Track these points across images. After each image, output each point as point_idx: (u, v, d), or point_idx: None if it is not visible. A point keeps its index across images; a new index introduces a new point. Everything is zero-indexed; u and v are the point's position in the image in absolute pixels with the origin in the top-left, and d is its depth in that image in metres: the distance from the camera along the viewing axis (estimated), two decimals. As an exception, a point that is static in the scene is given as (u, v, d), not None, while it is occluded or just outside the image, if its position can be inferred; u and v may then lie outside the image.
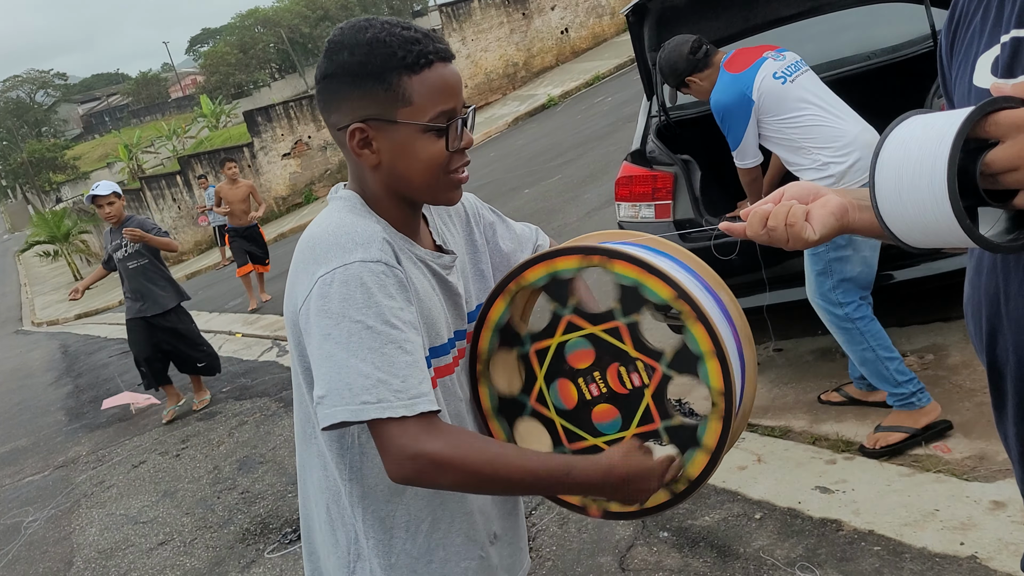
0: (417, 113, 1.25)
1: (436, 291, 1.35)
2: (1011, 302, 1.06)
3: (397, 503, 1.35)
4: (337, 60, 1.26)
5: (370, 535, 1.35)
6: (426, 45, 1.25)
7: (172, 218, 22.71)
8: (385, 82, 1.24)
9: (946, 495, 2.73)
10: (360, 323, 1.17)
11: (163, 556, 4.35)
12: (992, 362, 1.15)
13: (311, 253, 1.25)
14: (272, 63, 71.68)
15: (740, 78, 3.26)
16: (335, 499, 1.37)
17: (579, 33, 22.68)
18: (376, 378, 1.16)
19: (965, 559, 2.43)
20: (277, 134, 21.64)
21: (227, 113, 37.42)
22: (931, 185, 0.89)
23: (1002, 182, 0.90)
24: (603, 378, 1.37)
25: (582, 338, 1.38)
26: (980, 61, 1.10)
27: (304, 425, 1.39)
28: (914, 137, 0.93)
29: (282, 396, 6.50)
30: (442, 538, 1.38)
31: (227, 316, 11.14)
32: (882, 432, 3.08)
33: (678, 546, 2.95)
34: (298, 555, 3.83)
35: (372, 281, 1.19)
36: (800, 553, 2.69)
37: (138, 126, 56.72)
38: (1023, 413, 1.11)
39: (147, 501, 5.23)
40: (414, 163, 1.28)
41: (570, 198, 9.04)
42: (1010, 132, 0.88)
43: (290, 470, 4.91)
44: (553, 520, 3.37)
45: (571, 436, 1.43)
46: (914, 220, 0.94)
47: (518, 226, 1.64)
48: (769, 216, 1.19)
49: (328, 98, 1.30)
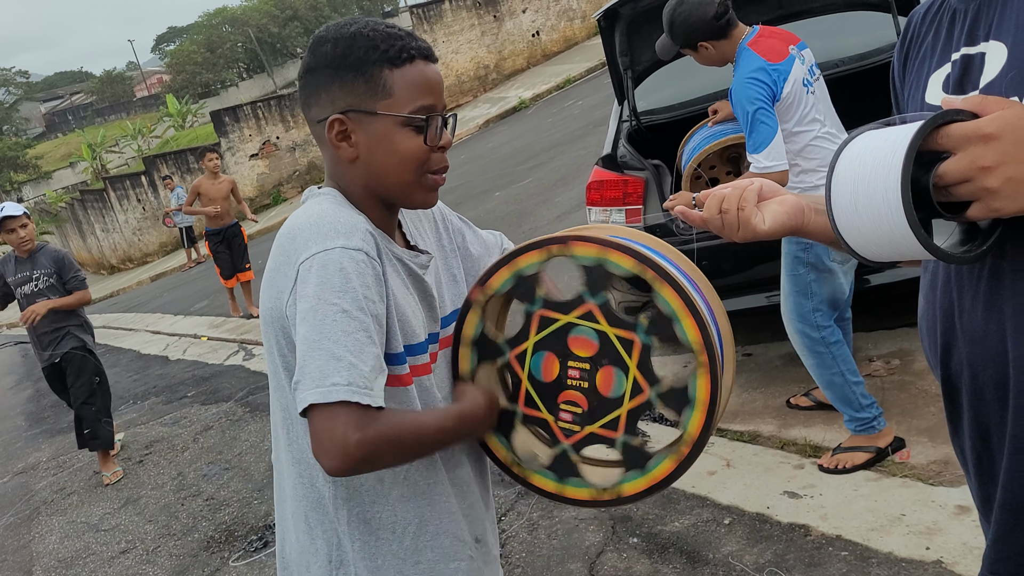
0: (397, 105, 1.26)
1: (411, 291, 1.34)
2: (965, 316, 1.07)
3: (383, 504, 1.33)
4: (319, 53, 1.27)
5: (355, 537, 1.33)
6: (409, 42, 1.28)
7: (136, 219, 22.42)
8: (366, 74, 1.25)
9: (912, 500, 2.75)
10: (336, 306, 1.16)
11: (125, 565, 4.26)
12: (947, 376, 1.15)
13: (291, 244, 1.23)
14: (240, 63, 71.02)
15: (777, 69, 2.90)
16: (314, 506, 1.34)
17: (550, 36, 22.75)
18: (348, 361, 1.15)
19: (931, 564, 2.45)
20: (245, 134, 21.43)
21: (194, 113, 36.96)
22: (885, 196, 0.90)
23: (955, 194, 0.91)
24: (592, 374, 1.36)
25: (592, 330, 1.37)
26: (932, 79, 1.12)
27: (282, 430, 1.36)
28: (869, 150, 0.95)
29: (248, 401, 6.42)
30: (430, 540, 1.36)
31: (193, 319, 11.00)
32: (843, 454, 3.05)
33: (648, 552, 2.94)
34: (263, 563, 3.77)
35: (351, 268, 1.19)
36: (769, 559, 2.70)
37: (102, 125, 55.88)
38: (978, 427, 1.11)
39: (109, 508, 5.13)
40: (392, 157, 1.28)
41: (541, 201, 9.05)
42: (961, 144, 0.89)
43: (256, 476, 4.85)
44: (523, 526, 3.35)
45: (529, 402, 1.42)
46: (870, 232, 0.95)
47: (484, 233, 1.64)
48: (725, 199, 1.21)
49: (310, 92, 1.30)
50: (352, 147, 1.28)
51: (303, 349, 1.17)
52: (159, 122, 37.24)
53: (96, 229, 24.12)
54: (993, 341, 1.03)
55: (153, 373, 8.72)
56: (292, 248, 1.23)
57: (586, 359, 1.37)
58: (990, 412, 1.08)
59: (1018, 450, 1.04)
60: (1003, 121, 0.89)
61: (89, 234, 25.04)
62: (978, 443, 1.12)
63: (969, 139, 0.89)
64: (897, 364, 3.63)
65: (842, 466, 3.02)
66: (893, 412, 3.27)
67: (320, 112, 1.29)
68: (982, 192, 0.90)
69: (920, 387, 3.40)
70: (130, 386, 8.45)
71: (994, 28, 1.02)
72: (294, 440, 1.34)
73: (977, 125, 0.89)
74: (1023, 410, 1.02)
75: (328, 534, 1.34)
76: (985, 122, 0.89)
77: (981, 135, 0.88)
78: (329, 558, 1.35)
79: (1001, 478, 1.07)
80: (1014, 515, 1.07)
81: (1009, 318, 1.01)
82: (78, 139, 42.88)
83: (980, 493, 1.16)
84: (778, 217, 1.19)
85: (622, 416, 1.35)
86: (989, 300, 1.03)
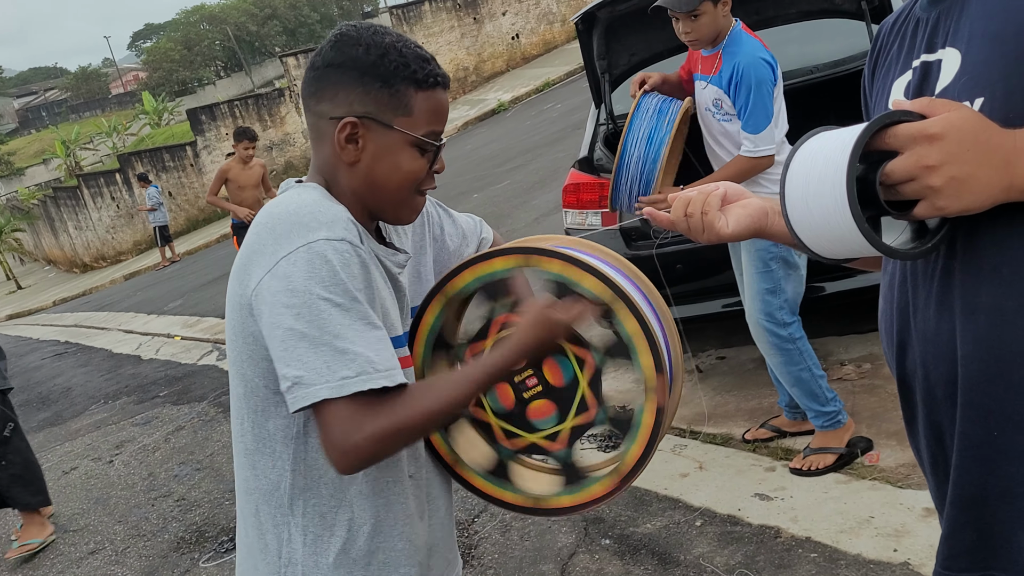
0: (413, 125, 1.29)
1: (390, 289, 1.35)
2: (918, 315, 1.09)
3: (340, 499, 1.31)
4: (349, 53, 1.28)
5: (308, 530, 1.31)
6: (435, 68, 1.32)
7: (110, 217, 22.19)
8: (392, 88, 1.27)
9: (881, 502, 2.78)
10: (328, 301, 1.16)
11: (93, 565, 4.21)
12: (902, 376, 1.17)
13: (270, 234, 1.22)
14: (218, 61, 70.53)
15: (775, 61, 2.95)
16: (266, 497, 1.32)
17: (530, 39, 22.79)
18: (353, 352, 1.15)
19: (898, 565, 2.48)
20: (221, 133, 21.28)
21: (170, 111, 36.63)
22: (833, 193, 0.93)
23: (902, 192, 0.94)
24: (538, 373, 1.38)
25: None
26: (895, 86, 1.15)
27: (237, 420, 1.34)
28: (820, 148, 0.98)
29: (221, 401, 6.37)
30: (383, 542, 1.35)
31: (166, 319, 10.90)
32: (813, 455, 3.08)
33: (619, 553, 2.95)
34: (233, 564, 3.74)
35: (337, 259, 1.18)
36: (739, 560, 2.72)
37: (77, 122, 55.26)
38: (932, 426, 1.13)
39: (77, 508, 5.07)
40: (394, 172, 1.30)
41: (519, 203, 9.06)
42: (907, 144, 0.92)
43: (228, 477, 4.81)
44: (495, 528, 3.35)
45: (509, 435, 1.43)
46: (821, 229, 0.98)
47: (462, 219, 1.64)
48: (690, 203, 1.23)
49: (325, 85, 1.30)
50: (357, 151, 1.29)
51: (304, 346, 1.16)
52: (135, 119, 36.91)
53: (69, 227, 23.84)
54: (944, 340, 1.05)
55: (125, 372, 8.63)
56: (272, 238, 1.21)
57: (527, 365, 1.38)
58: (942, 411, 1.09)
59: (967, 447, 1.05)
60: (948, 122, 0.91)
61: (62, 232, 24.74)
62: (932, 442, 1.14)
63: (915, 139, 0.91)
64: (868, 368, 3.67)
65: (813, 467, 3.04)
66: (863, 415, 3.31)
67: (334, 109, 1.29)
68: (926, 191, 0.92)
69: (890, 391, 3.44)
70: (101, 385, 8.36)
71: (950, 36, 1.05)
72: (248, 430, 1.32)
73: (922, 125, 0.92)
74: (971, 408, 1.04)
75: (279, 528, 1.32)
76: (930, 122, 0.92)
77: (926, 135, 0.91)
78: (279, 554, 1.33)
79: (951, 475, 1.09)
80: (964, 511, 1.08)
81: (958, 317, 1.02)
82: (52, 136, 42.36)
83: (937, 492, 1.18)
84: (741, 220, 1.22)
85: (586, 393, 1.37)
86: (941, 299, 1.05)
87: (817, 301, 3.49)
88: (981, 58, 0.99)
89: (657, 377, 1.30)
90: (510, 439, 1.43)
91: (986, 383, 1.01)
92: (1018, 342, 0.98)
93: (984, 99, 0.98)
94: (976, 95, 0.99)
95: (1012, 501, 1.03)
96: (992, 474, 1.04)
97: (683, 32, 2.99)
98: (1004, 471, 1.02)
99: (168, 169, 21.21)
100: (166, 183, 21.46)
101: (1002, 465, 1.03)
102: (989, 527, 1.06)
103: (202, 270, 14.46)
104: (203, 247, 18.71)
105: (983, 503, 1.06)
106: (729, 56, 2.95)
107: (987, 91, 0.98)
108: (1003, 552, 1.06)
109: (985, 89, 0.98)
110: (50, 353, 11.53)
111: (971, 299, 1.01)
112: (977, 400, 1.02)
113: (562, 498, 1.39)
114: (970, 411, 1.04)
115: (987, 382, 1.01)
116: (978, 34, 1.00)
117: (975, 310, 1.00)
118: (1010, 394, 1.00)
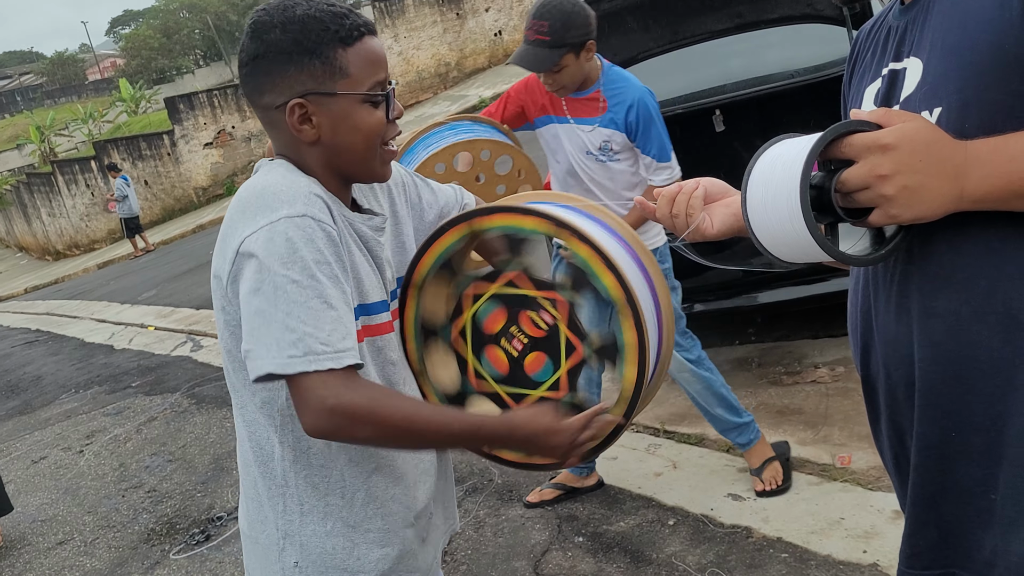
0: (355, 84, 1.29)
1: (365, 255, 1.36)
2: (880, 318, 1.13)
3: (331, 468, 1.34)
4: (268, 39, 1.26)
5: (304, 501, 1.34)
6: (355, 19, 1.29)
7: (85, 204, 21.90)
8: (322, 56, 1.26)
9: (851, 504, 2.81)
10: (285, 277, 1.18)
11: (62, 556, 4.17)
12: (866, 377, 1.22)
13: (240, 215, 1.25)
14: (197, 50, 69.82)
15: None
16: (263, 471, 1.35)
17: (512, 36, 22.75)
18: (302, 331, 1.17)
19: (867, 567, 2.51)
20: (199, 123, 21.07)
21: (147, 99, 36.15)
22: (788, 200, 0.97)
23: (857, 200, 0.97)
24: (520, 330, 1.40)
25: (489, 302, 1.41)
26: (867, 92, 1.18)
27: (234, 393, 1.37)
28: (779, 156, 1.01)
29: (195, 392, 6.32)
30: (379, 508, 1.37)
31: (140, 308, 10.79)
32: (763, 474, 3.01)
33: (592, 551, 2.96)
34: (205, 557, 3.72)
35: (297, 235, 1.20)
36: (711, 559, 2.74)
37: (52, 108, 54.41)
38: (894, 427, 1.17)
39: (46, 498, 5.01)
40: (355, 134, 1.30)
41: (497, 201, 9.04)
42: (861, 153, 0.95)
43: (200, 469, 4.77)
44: (469, 524, 3.35)
45: (516, 398, 1.44)
46: (779, 235, 1.01)
47: (444, 188, 1.64)
48: (674, 203, 1.26)
49: (260, 80, 1.29)
50: (314, 129, 1.29)
51: (259, 321, 1.18)
52: (111, 107, 36.36)
53: (42, 213, 23.50)
54: (903, 343, 1.09)
55: (97, 362, 8.53)
56: (241, 219, 1.24)
57: (508, 325, 1.40)
58: (903, 412, 1.13)
59: (926, 447, 1.09)
60: (901, 133, 0.94)
61: (35, 218, 24.39)
62: (895, 442, 1.18)
63: (869, 148, 0.94)
64: (841, 371, 3.71)
65: (776, 483, 2.98)
66: (836, 418, 3.34)
67: (276, 98, 1.29)
68: (880, 199, 0.95)
69: (862, 394, 3.47)
70: (73, 375, 8.26)
71: (915, 45, 1.08)
72: (244, 404, 1.35)
73: (876, 136, 0.94)
74: (929, 410, 1.07)
75: (274, 501, 1.35)
76: (884, 133, 0.94)
77: (879, 145, 0.94)
78: (276, 526, 1.36)
79: (911, 475, 1.12)
80: (925, 510, 1.12)
81: (916, 321, 1.06)
82: (26, 121, 41.70)
83: (900, 491, 1.22)
84: (726, 220, 1.25)
85: (562, 377, 1.38)
86: (899, 303, 1.08)
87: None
88: (940, 70, 1.02)
89: (621, 289, 1.30)
90: (518, 402, 1.44)
91: (943, 386, 1.04)
92: (973, 346, 1.01)
93: (941, 109, 1.01)
94: (934, 105, 1.02)
95: (970, 500, 1.06)
96: (950, 474, 1.07)
97: (546, 83, 2.80)
98: (962, 471, 1.06)
99: (145, 158, 20.96)
100: (142, 171, 21.22)
101: (960, 465, 1.06)
102: (949, 526, 1.10)
103: (177, 260, 14.32)
104: (178, 237, 18.52)
105: (942, 502, 1.09)
106: (616, 94, 2.79)
107: (944, 102, 1.01)
108: (963, 550, 1.09)
109: (942, 100, 1.01)
110: (20, 341, 11.37)
111: (928, 304, 1.05)
112: (935, 401, 1.06)
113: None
114: (928, 412, 1.07)
115: (944, 385, 1.04)
116: (938, 45, 1.03)
117: (932, 315, 1.04)
118: (968, 397, 1.03)
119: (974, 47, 0.98)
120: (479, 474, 3.73)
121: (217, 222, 17.75)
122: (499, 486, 3.59)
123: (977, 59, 0.97)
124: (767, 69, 4.34)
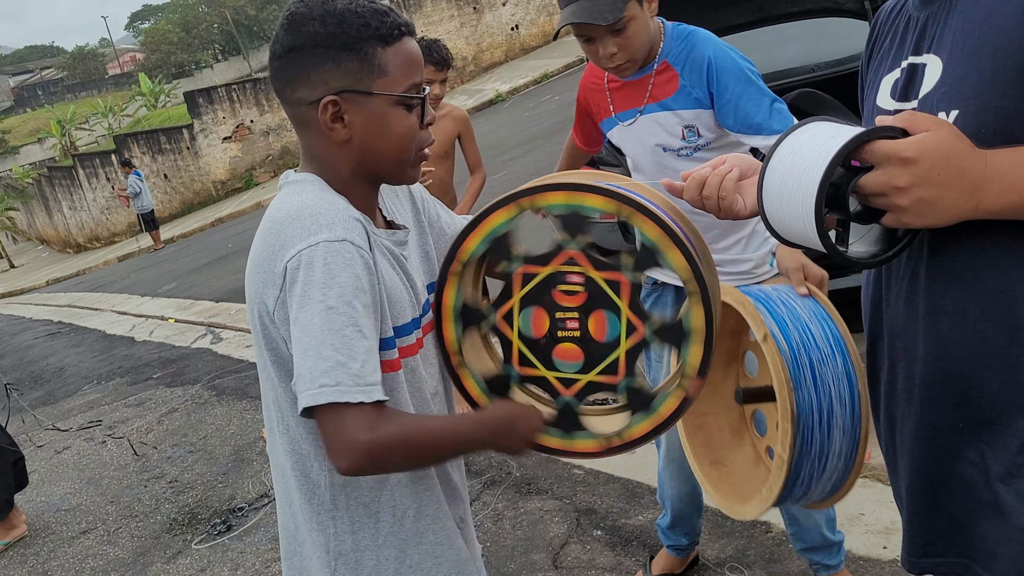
0: (392, 84, 1.24)
1: (396, 270, 1.33)
2: (889, 311, 1.16)
3: (382, 488, 1.32)
4: (306, 32, 1.22)
5: (356, 520, 1.31)
6: (396, 18, 1.25)
7: (105, 198, 22.11)
8: (360, 52, 1.22)
9: (872, 500, 2.80)
10: (322, 303, 1.15)
11: (85, 545, 4.22)
12: (871, 366, 1.26)
13: (276, 240, 1.21)
14: (216, 44, 70.15)
15: None
16: (308, 497, 1.32)
17: (529, 30, 22.72)
18: (334, 360, 1.14)
19: (888, 562, 2.50)
20: (219, 117, 21.19)
21: (167, 93, 36.42)
22: (803, 201, 0.99)
23: (872, 203, 1.00)
24: (582, 318, 1.34)
25: (577, 276, 1.33)
26: (884, 82, 1.19)
27: (275, 421, 1.33)
28: (802, 149, 1.02)
29: (215, 384, 6.37)
30: (431, 523, 1.36)
31: (160, 301, 10.88)
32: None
33: (611, 544, 2.97)
34: (227, 547, 3.76)
35: (335, 260, 1.17)
36: (730, 554, 2.74)
37: (73, 102, 54.86)
38: (888, 417, 1.22)
39: (70, 488, 5.07)
40: (388, 136, 1.26)
41: (515, 195, 9.04)
42: (881, 161, 0.97)
43: (221, 460, 4.82)
44: (488, 516, 3.37)
45: (524, 361, 1.39)
46: (790, 224, 1.04)
47: (455, 215, 1.62)
48: (706, 184, 1.24)
49: (293, 73, 1.25)
50: (346, 128, 1.25)
51: (296, 351, 1.17)
52: (131, 101, 36.65)
53: (63, 207, 23.75)
54: (910, 336, 1.12)
55: (119, 354, 8.62)
56: (277, 244, 1.21)
57: (574, 308, 1.34)
58: (896, 404, 1.18)
59: (931, 438, 1.12)
60: (924, 145, 0.95)
61: (56, 211, 24.64)
62: (887, 432, 1.26)
63: (889, 158, 0.96)
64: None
65: None
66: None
67: (310, 93, 1.24)
68: (894, 207, 0.98)
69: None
70: (95, 366, 8.35)
71: (935, 42, 1.09)
72: (285, 431, 1.32)
73: (898, 147, 0.96)
74: (931, 402, 1.10)
75: (324, 525, 1.32)
76: (907, 144, 0.96)
77: (900, 157, 0.95)
78: (327, 548, 1.33)
79: (911, 466, 1.16)
80: (924, 497, 1.15)
81: (923, 316, 1.09)
82: (47, 115, 42.08)
83: (892, 480, 1.26)
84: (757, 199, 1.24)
85: (621, 358, 1.33)
86: (909, 298, 1.12)
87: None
88: (960, 72, 1.03)
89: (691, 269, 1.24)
90: (522, 365, 1.39)
91: (949, 380, 1.08)
92: (979, 343, 1.04)
93: (959, 112, 1.02)
94: (952, 107, 1.03)
95: (971, 491, 1.09)
96: (953, 465, 1.11)
97: (607, 56, 2.04)
98: (965, 463, 1.09)
99: (164, 152, 21.12)
100: (162, 165, 21.39)
101: (963, 457, 1.09)
102: (952, 516, 1.13)
103: (196, 253, 14.43)
104: (197, 231, 18.65)
105: (946, 493, 1.12)
106: (682, 57, 2.11)
107: (961, 105, 1.02)
108: (967, 540, 1.12)
109: (960, 103, 1.02)
110: (43, 333, 11.50)
111: (936, 301, 1.08)
112: (941, 395, 1.09)
113: (637, 427, 1.34)
114: (932, 405, 1.10)
115: (950, 379, 1.07)
116: (959, 46, 1.04)
117: (939, 311, 1.07)
118: (972, 392, 1.06)
119: (995, 53, 0.99)
120: (497, 467, 3.74)
121: (236, 216, 17.87)
122: (517, 479, 3.60)
123: (997, 65, 0.98)
124: (788, 63, 4.33)
